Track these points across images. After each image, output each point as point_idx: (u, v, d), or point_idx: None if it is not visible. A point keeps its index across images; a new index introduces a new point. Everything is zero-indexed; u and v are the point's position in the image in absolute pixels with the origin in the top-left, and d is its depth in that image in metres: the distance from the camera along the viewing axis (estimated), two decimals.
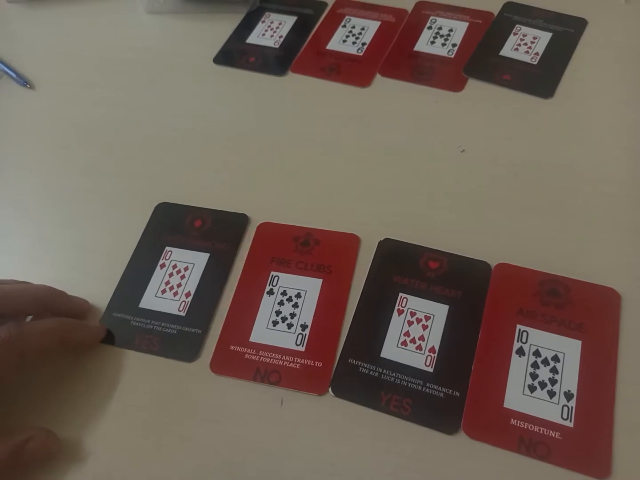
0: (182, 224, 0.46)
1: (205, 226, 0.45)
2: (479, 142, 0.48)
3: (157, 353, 0.40)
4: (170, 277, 0.43)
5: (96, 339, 0.41)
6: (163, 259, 0.44)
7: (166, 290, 0.43)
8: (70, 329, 0.39)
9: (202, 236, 0.45)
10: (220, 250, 0.44)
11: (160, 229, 0.46)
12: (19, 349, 0.35)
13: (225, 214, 0.46)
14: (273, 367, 0.39)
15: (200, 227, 0.45)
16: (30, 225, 0.48)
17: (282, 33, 0.58)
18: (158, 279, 0.43)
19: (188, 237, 0.45)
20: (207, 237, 0.45)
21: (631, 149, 0.46)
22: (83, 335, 0.40)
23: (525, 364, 0.37)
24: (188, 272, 0.43)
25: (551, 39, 0.53)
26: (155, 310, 0.42)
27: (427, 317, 0.39)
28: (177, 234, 0.45)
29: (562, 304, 0.39)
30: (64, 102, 0.55)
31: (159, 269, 0.44)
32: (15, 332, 0.35)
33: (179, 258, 0.44)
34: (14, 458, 0.34)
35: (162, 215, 0.46)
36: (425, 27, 0.56)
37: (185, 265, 0.44)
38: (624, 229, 0.42)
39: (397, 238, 0.43)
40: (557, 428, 0.35)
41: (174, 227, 0.46)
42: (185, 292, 0.42)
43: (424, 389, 0.37)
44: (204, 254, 0.44)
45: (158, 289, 0.43)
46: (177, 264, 0.44)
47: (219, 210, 0.46)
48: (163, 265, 0.44)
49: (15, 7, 0.64)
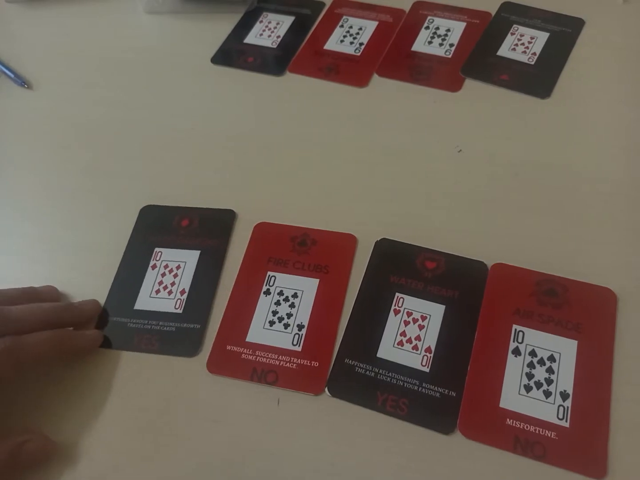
0: (169, 224, 0.46)
1: (192, 225, 0.45)
2: (476, 142, 0.48)
3: (157, 351, 0.40)
4: (162, 277, 0.43)
5: (93, 346, 0.41)
6: (154, 260, 0.44)
7: (160, 290, 0.43)
8: (67, 338, 0.39)
9: (190, 234, 0.45)
10: (210, 247, 0.44)
11: (147, 231, 0.46)
12: (17, 358, 0.35)
13: (211, 211, 0.46)
14: (270, 367, 0.39)
15: (188, 226, 0.45)
16: (29, 225, 0.48)
17: (280, 33, 0.58)
18: (151, 280, 0.43)
19: (177, 237, 0.45)
20: (195, 235, 0.45)
21: (629, 149, 0.46)
22: (80, 344, 0.40)
23: (521, 364, 0.37)
24: (180, 270, 0.43)
25: (548, 39, 0.53)
26: (152, 311, 0.42)
27: (423, 317, 0.39)
28: (165, 234, 0.45)
29: (559, 304, 0.39)
30: (62, 102, 0.56)
31: (151, 270, 0.44)
32: (13, 343, 0.35)
33: (169, 258, 0.44)
34: (12, 459, 0.35)
35: (148, 217, 0.47)
36: (422, 27, 0.56)
37: (177, 264, 0.44)
38: (621, 229, 0.42)
39: (394, 238, 0.43)
40: (553, 428, 0.35)
41: (161, 228, 0.46)
42: (180, 290, 0.42)
43: (420, 389, 0.37)
44: (194, 252, 0.44)
45: (152, 289, 0.43)
46: (168, 263, 0.44)
47: (205, 207, 0.46)
48: (154, 266, 0.44)
49: (14, 7, 0.64)
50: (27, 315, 0.38)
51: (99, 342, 0.41)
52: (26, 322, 0.37)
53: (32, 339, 0.36)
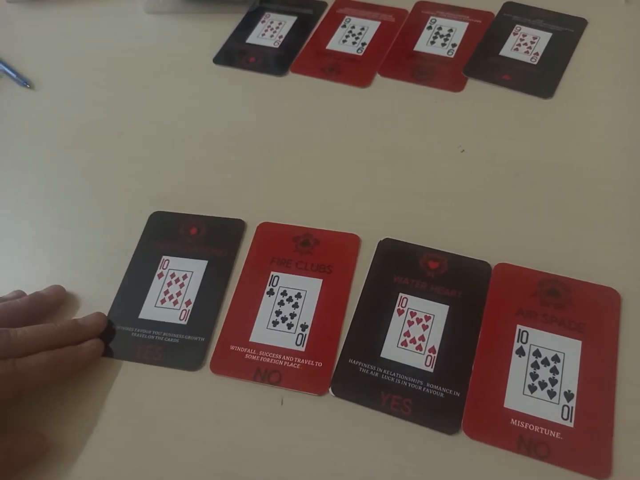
0: (176, 232, 0.45)
1: (200, 233, 0.45)
2: (479, 142, 0.48)
3: (160, 363, 0.40)
4: (169, 286, 0.43)
5: (94, 359, 0.40)
6: (160, 269, 0.44)
7: (165, 299, 0.42)
8: (68, 356, 0.38)
9: (198, 243, 0.44)
10: (218, 257, 0.44)
11: (155, 238, 0.45)
12: (18, 384, 0.35)
13: (220, 220, 0.45)
14: (273, 367, 0.39)
15: (196, 235, 0.45)
16: (30, 226, 0.48)
17: (282, 33, 0.58)
18: (157, 289, 0.43)
19: (184, 245, 0.44)
20: (203, 244, 0.44)
21: (631, 149, 0.46)
22: (81, 360, 0.39)
23: (525, 364, 0.37)
24: (187, 280, 0.43)
25: (551, 39, 0.53)
26: (156, 320, 0.41)
27: (427, 317, 0.39)
28: (173, 242, 0.45)
29: (562, 304, 0.39)
30: (63, 102, 0.55)
31: (157, 278, 0.43)
32: (15, 368, 0.35)
33: (176, 267, 0.44)
34: (7, 457, 0.35)
35: (157, 224, 0.46)
36: (425, 27, 0.56)
37: (184, 273, 0.43)
38: (624, 229, 0.42)
39: (397, 238, 0.43)
40: (557, 428, 0.35)
41: (169, 235, 0.45)
42: (186, 301, 0.42)
43: (424, 389, 0.37)
44: (202, 262, 0.44)
45: (157, 298, 0.42)
46: (175, 272, 0.43)
47: (214, 216, 0.46)
48: (161, 274, 0.43)
49: (15, 7, 0.64)
50: (30, 340, 0.37)
51: (99, 354, 0.40)
52: (30, 345, 0.37)
53: (33, 362, 0.36)
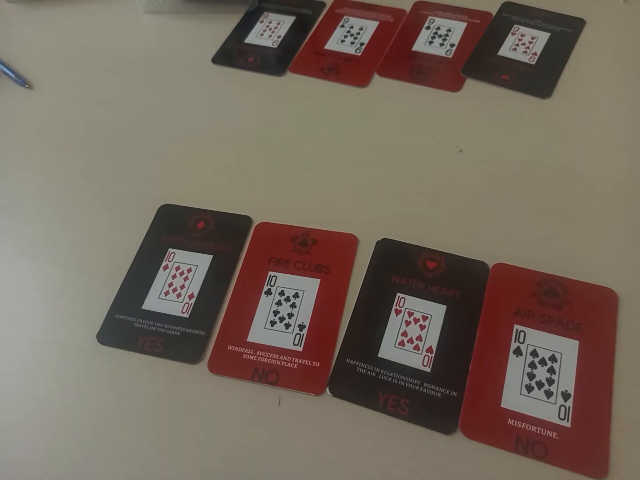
0: (184, 225, 0.46)
1: (208, 228, 0.45)
2: (477, 142, 0.48)
3: (161, 355, 0.40)
4: (173, 278, 0.43)
5: None
6: (166, 261, 0.44)
7: (169, 292, 0.42)
8: None
9: (205, 238, 0.45)
10: (223, 252, 0.44)
11: (163, 231, 0.46)
12: None
13: (228, 216, 0.46)
14: (271, 367, 0.39)
15: (204, 229, 0.45)
16: (30, 226, 0.48)
17: (281, 33, 0.58)
18: (161, 281, 0.43)
19: (191, 239, 0.45)
20: (210, 238, 0.45)
21: (629, 149, 0.46)
22: None
23: (522, 364, 0.37)
24: (191, 273, 0.43)
25: (549, 39, 0.53)
26: (159, 312, 0.42)
27: (424, 317, 0.39)
28: (180, 235, 0.45)
29: (560, 304, 0.39)
30: (63, 102, 0.55)
31: (162, 270, 0.44)
32: None
33: (182, 260, 0.44)
34: None
35: (165, 217, 0.46)
36: (423, 27, 0.56)
37: (189, 267, 0.43)
38: (622, 229, 0.42)
39: (395, 238, 0.43)
40: (555, 428, 0.35)
41: (176, 228, 0.45)
42: (189, 294, 0.42)
43: (422, 389, 0.37)
44: (207, 256, 0.44)
45: (161, 290, 0.43)
46: (180, 265, 0.44)
47: (222, 212, 0.46)
48: (166, 267, 0.44)
49: (15, 7, 0.64)
50: None
51: None
52: None
53: None
